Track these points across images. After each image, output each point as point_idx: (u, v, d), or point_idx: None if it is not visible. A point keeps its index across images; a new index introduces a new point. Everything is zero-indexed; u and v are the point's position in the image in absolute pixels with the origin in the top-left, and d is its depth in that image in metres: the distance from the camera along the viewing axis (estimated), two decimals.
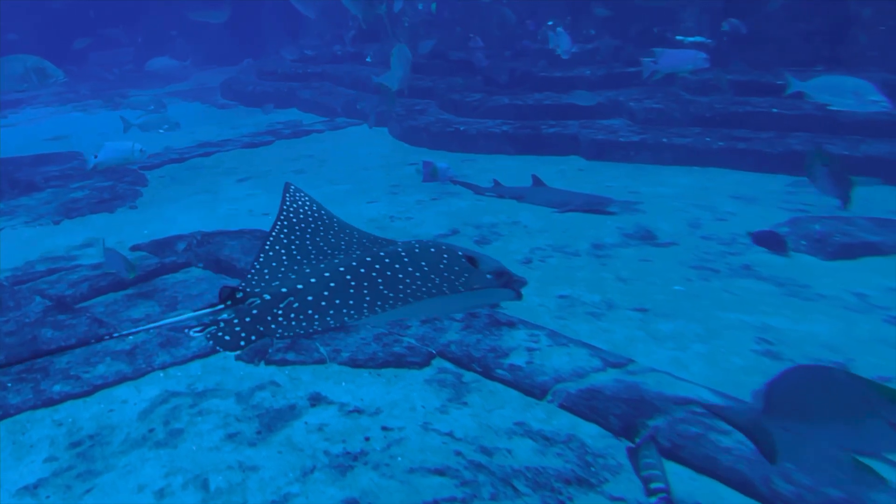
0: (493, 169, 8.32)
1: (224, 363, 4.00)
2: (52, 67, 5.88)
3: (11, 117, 13.91)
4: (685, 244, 5.57)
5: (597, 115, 9.36)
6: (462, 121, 9.76)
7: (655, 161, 8.17)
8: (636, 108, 9.00)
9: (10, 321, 4.48)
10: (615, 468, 2.99)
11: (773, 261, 5.21)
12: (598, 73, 10.09)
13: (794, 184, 6.93)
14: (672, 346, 3.99)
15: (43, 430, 3.42)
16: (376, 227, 6.46)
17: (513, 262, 5.37)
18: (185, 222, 6.68)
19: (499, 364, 3.79)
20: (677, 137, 8.23)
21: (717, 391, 3.46)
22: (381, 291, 2.52)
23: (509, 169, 8.30)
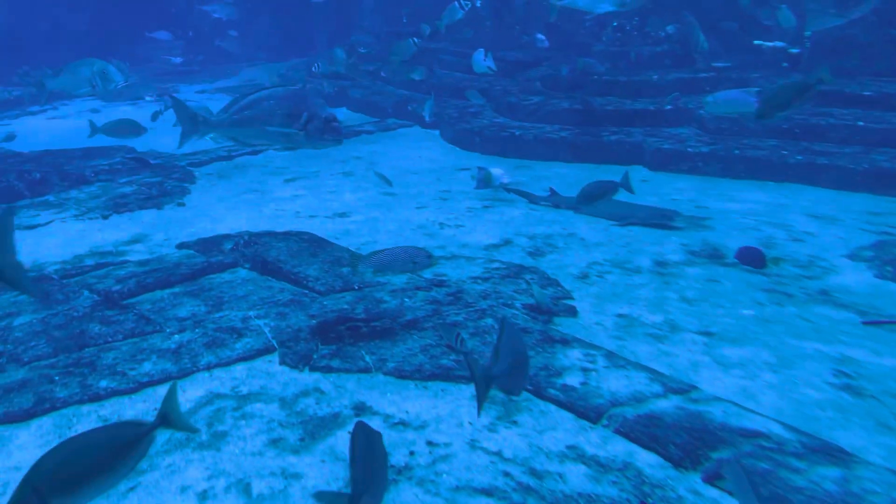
0: (549, 176, 8.34)
1: (268, 367, 4.14)
2: (115, 72, 6.42)
3: (62, 109, 14.64)
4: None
5: (663, 123, 9.28)
6: (518, 125, 9.81)
7: (726, 174, 8.04)
8: (707, 116, 8.87)
9: (58, 314, 4.73)
10: (675, 501, 2.97)
11: (854, 287, 5.07)
12: (668, 77, 9.98)
13: (881, 203, 6.72)
14: (740, 374, 3.93)
15: (89, 425, 3.60)
16: (424, 233, 6.56)
17: (567, 276, 5.39)
18: (232, 221, 6.92)
19: (551, 383, 3.81)
20: (751, 149, 8.08)
21: (789, 426, 3.40)
22: None
23: (566, 177, 8.30)
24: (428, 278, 5.32)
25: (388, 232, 6.62)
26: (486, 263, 5.62)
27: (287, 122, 4.13)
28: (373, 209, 7.38)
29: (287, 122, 4.12)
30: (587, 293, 5.08)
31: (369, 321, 4.60)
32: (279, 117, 4.18)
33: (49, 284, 5.28)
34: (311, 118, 4.09)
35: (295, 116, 4.11)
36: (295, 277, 5.29)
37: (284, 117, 4.17)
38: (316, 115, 4.11)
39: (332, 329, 4.50)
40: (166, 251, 6.08)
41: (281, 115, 4.18)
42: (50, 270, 5.65)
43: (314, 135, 4.16)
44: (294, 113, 4.12)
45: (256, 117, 4.25)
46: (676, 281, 5.25)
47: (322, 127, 4.10)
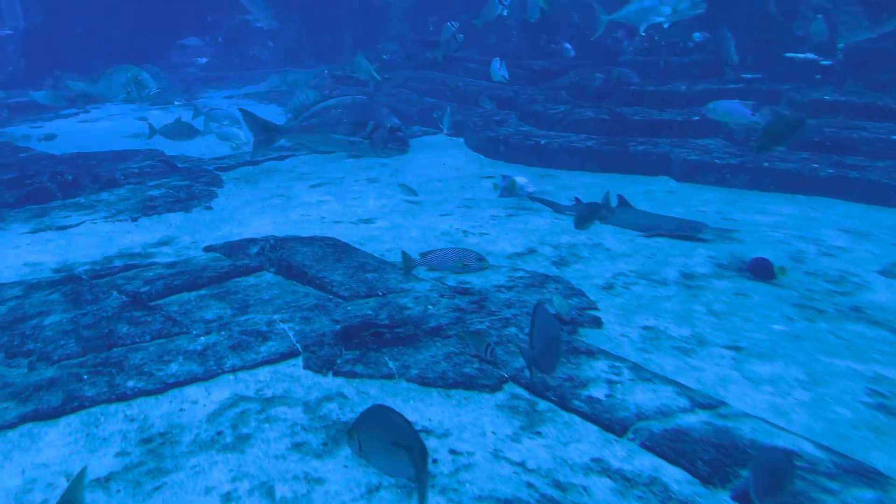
0: (574, 186, 8.30)
1: (292, 371, 4.15)
2: (148, 79, 6.72)
3: (94, 112, 14.92)
4: (786, 279, 5.38)
5: (690, 134, 9.20)
6: (543, 133, 9.79)
7: (754, 186, 7.94)
8: (736, 128, 8.77)
9: (88, 314, 4.80)
10: None
11: (887, 304, 4.96)
12: (696, 88, 9.90)
13: None
14: (770, 390, 3.86)
15: (116, 425, 3.65)
16: (449, 241, 6.56)
17: (592, 287, 5.34)
18: (258, 225, 6.98)
19: (576, 395, 3.77)
20: (780, 162, 7.97)
21: (821, 445, 3.33)
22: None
23: (592, 187, 8.26)
24: (451, 286, 5.31)
25: (412, 239, 6.63)
26: (511, 272, 5.60)
27: (353, 130, 4.27)
28: (397, 216, 7.40)
29: (353, 131, 4.27)
30: (612, 304, 5.04)
31: (393, 327, 4.60)
32: (346, 125, 4.34)
33: (79, 284, 5.36)
34: (377, 127, 4.23)
35: (361, 125, 4.23)
36: (320, 282, 5.31)
37: (351, 125, 4.32)
38: (381, 124, 4.25)
39: (355, 334, 4.51)
40: (193, 254, 6.14)
41: (347, 123, 4.33)
42: (80, 271, 5.74)
43: (378, 143, 4.26)
44: (360, 121, 4.24)
45: (324, 125, 4.40)
46: (704, 294, 5.18)
47: (386, 136, 4.23)
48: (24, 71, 19.04)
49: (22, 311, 4.94)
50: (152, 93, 7.12)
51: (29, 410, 3.73)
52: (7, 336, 4.56)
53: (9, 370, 4.20)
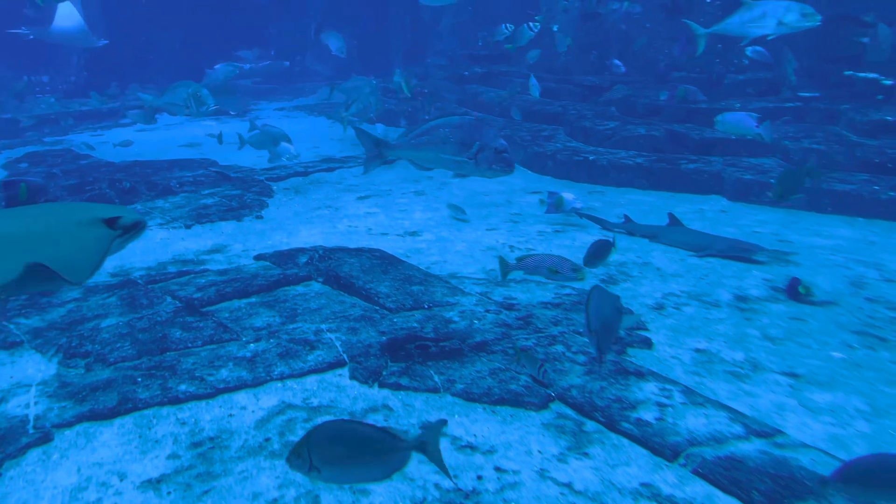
0: (622, 203, 8.21)
1: (339, 381, 4.19)
2: (207, 95, 7.15)
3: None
4: (846, 305, 5.20)
5: (744, 152, 9.01)
6: (592, 150, 9.72)
7: (811, 208, 7.72)
8: (792, 147, 8.57)
9: (143, 318, 4.94)
10: None
11: None
12: (750, 106, 9.70)
13: None
14: (829, 420, 3.72)
15: (167, 427, 3.73)
16: (494, 255, 6.52)
17: (642, 306, 5.26)
18: (306, 235, 7.10)
19: (625, 417, 3.70)
20: (839, 183, 7.74)
21: None
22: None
23: (641, 204, 8.15)
24: (498, 301, 5.29)
25: (458, 252, 6.64)
26: (558, 289, 5.55)
27: (459, 149, 4.35)
28: (443, 229, 7.43)
29: (459, 150, 4.35)
30: (663, 325, 4.94)
31: (438, 341, 4.61)
32: (452, 145, 4.39)
33: (135, 289, 5.53)
34: (483, 147, 4.26)
35: (467, 145, 4.31)
36: (366, 293, 5.36)
37: (457, 145, 4.36)
38: (487, 144, 4.27)
39: (401, 347, 4.53)
40: (244, 262, 6.27)
41: (454, 142, 4.37)
42: (136, 276, 5.92)
43: (483, 164, 4.33)
44: (466, 141, 4.32)
45: (431, 143, 4.53)
46: (758, 317, 5.04)
47: (492, 157, 4.27)
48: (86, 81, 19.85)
49: (80, 313, 5.12)
50: (210, 109, 7.48)
51: (86, 410, 3.84)
52: (66, 337, 4.72)
53: (67, 370, 4.34)
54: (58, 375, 4.27)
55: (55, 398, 3.98)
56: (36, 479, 3.36)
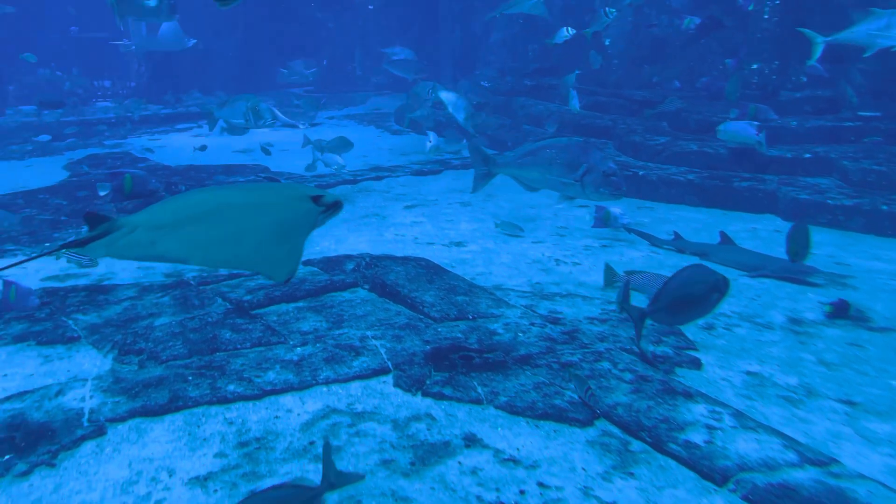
0: (672, 220, 8.07)
1: (382, 388, 4.21)
2: (265, 110, 7.53)
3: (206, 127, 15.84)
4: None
5: (800, 172, 8.77)
6: (641, 165, 9.60)
7: (870, 230, 7.45)
8: (851, 167, 8.30)
9: (195, 318, 5.06)
10: None
11: None
12: (807, 125, 9.45)
13: None
14: (888, 452, 3.57)
15: (216, 426, 3.81)
16: (540, 268, 6.51)
17: (691, 326, 5.14)
18: (354, 242, 7.18)
19: (672, 438, 3.63)
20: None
21: None
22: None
23: (691, 221, 8.00)
24: (543, 314, 5.25)
25: (503, 264, 6.63)
26: (604, 304, 5.48)
27: (566, 171, 4.37)
28: (488, 240, 7.42)
29: (566, 172, 4.37)
30: (713, 345, 4.83)
31: (482, 352, 4.60)
32: (559, 166, 4.41)
33: (187, 289, 5.67)
34: (590, 170, 4.26)
35: (574, 167, 4.32)
36: (412, 302, 5.38)
37: (564, 167, 4.38)
38: (595, 167, 4.27)
39: (445, 356, 4.53)
40: None
41: (561, 164, 4.39)
42: (189, 276, 6.08)
43: (590, 186, 4.32)
44: (574, 163, 4.32)
45: (537, 164, 4.54)
46: (813, 342, 4.88)
47: (599, 180, 4.27)
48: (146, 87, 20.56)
49: (135, 311, 5.27)
50: (267, 123, 7.92)
51: (138, 406, 3.95)
52: (121, 334, 4.87)
53: (121, 366, 4.47)
54: (112, 371, 4.41)
55: (109, 393, 4.10)
56: (89, 471, 3.46)
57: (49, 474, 3.43)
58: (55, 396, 4.09)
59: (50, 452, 3.56)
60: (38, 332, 4.97)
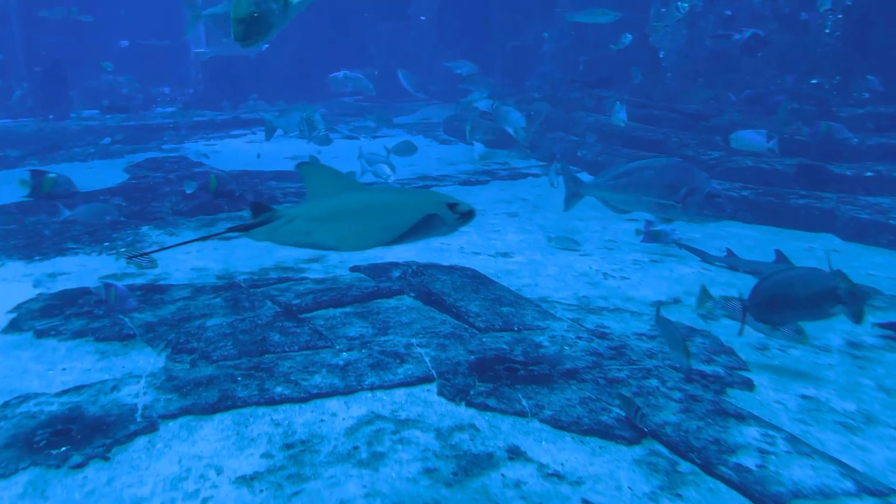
0: (724, 236, 7.88)
1: (426, 396, 4.21)
2: (319, 121, 7.84)
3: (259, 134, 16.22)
4: None
5: (861, 190, 8.47)
6: None
7: None
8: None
9: (245, 320, 5.16)
10: None
11: None
12: (869, 142, 9.13)
13: None
14: None
15: (263, 427, 3.86)
16: (587, 282, 6.43)
17: (744, 346, 5.00)
18: (400, 250, 7.21)
19: (723, 460, 3.52)
20: None
21: None
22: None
23: (745, 238, 7.80)
24: (590, 329, 5.18)
25: (550, 276, 6.57)
26: (653, 321, 5.37)
27: (665, 193, 4.14)
28: (535, 251, 7.37)
29: (665, 194, 4.14)
30: (766, 366, 4.68)
31: (527, 364, 4.56)
32: (658, 188, 4.19)
33: (238, 292, 5.79)
34: (692, 191, 4.05)
35: (674, 188, 4.11)
36: (457, 311, 5.38)
37: (663, 188, 4.16)
38: (697, 188, 4.06)
39: (489, 367, 4.51)
40: (340, 272, 6.45)
41: (660, 185, 4.17)
42: (240, 279, 6.21)
43: (692, 208, 4.06)
44: (673, 185, 4.11)
45: (633, 185, 4.33)
46: (873, 367, 4.69)
47: (703, 202, 4.05)
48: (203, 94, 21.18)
49: (188, 311, 5.41)
50: (321, 133, 8.28)
51: (189, 404, 4.04)
52: (174, 333, 5.00)
53: (174, 364, 4.59)
54: (165, 369, 4.52)
55: (162, 390, 4.21)
56: (141, 466, 3.55)
57: (103, 467, 3.53)
58: (110, 392, 4.21)
59: (104, 446, 3.66)
60: (96, 328, 5.13)
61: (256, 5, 3.36)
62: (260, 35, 3.44)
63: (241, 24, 3.37)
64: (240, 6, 3.38)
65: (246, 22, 3.36)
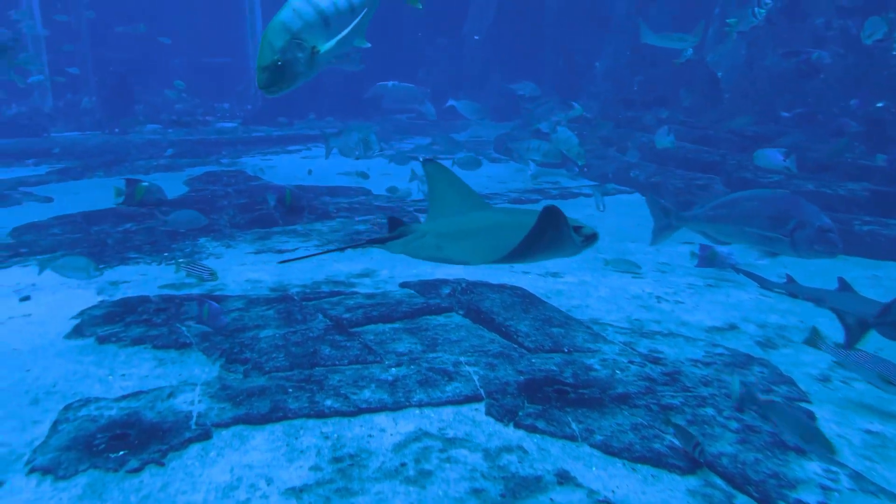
0: (785, 262, 7.62)
1: (474, 416, 4.19)
2: (374, 142, 8.28)
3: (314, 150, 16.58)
4: None
5: None
6: None
7: None
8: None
9: (297, 332, 5.24)
10: None
11: None
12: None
13: None
14: None
15: (312, 439, 3.90)
16: (640, 305, 6.31)
17: (804, 377, 4.83)
18: (449, 267, 7.23)
19: (783, 495, 3.39)
20: None
21: None
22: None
23: (806, 265, 7.54)
24: (642, 353, 5.08)
25: (601, 298, 6.48)
26: (709, 347, 5.24)
27: (771, 225, 3.98)
28: (585, 272, 7.29)
29: (771, 226, 3.98)
30: (828, 399, 4.50)
31: (577, 387, 4.49)
32: (763, 219, 4.02)
33: (291, 304, 5.89)
34: (801, 225, 3.89)
35: (781, 220, 3.94)
36: (506, 330, 5.35)
37: (769, 220, 3.99)
38: (807, 222, 3.89)
39: (539, 389, 4.46)
40: (390, 288, 6.50)
41: (765, 217, 4.00)
42: (293, 292, 6.32)
43: (802, 243, 3.88)
44: (781, 217, 3.94)
45: (735, 216, 4.17)
46: None
47: (814, 236, 3.89)
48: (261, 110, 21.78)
49: (243, 322, 5.52)
50: (375, 154, 8.68)
51: (241, 413, 4.12)
52: (229, 343, 5.11)
53: (227, 374, 4.69)
54: (219, 378, 4.62)
55: (216, 399, 4.30)
56: (194, 473, 3.62)
57: (158, 473, 3.62)
58: (167, 398, 4.33)
59: (160, 451, 3.76)
60: (154, 336, 5.29)
61: (281, 53, 3.35)
62: (284, 84, 3.42)
63: (264, 72, 3.36)
64: (264, 54, 3.37)
65: (270, 70, 3.34)
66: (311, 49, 3.40)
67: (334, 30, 3.61)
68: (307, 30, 3.45)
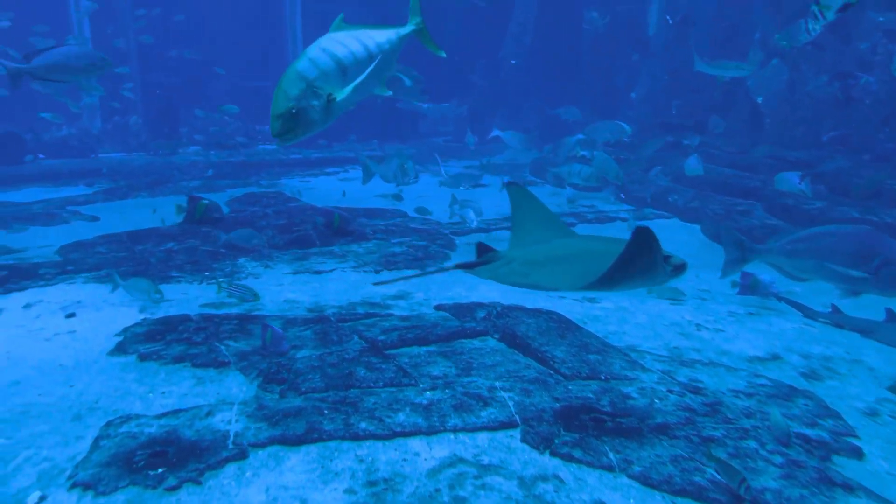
0: (828, 291, 7.40)
1: (509, 442, 4.15)
2: (411, 168, 8.73)
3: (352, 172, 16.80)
4: None
5: None
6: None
7: None
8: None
9: (332, 354, 5.27)
10: None
11: None
12: None
13: None
14: None
15: (346, 462, 3.90)
16: (679, 332, 6.20)
17: (851, 410, 4.67)
18: (485, 290, 7.22)
19: None
20: None
21: None
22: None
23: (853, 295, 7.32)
24: (682, 382, 4.98)
25: (639, 325, 6.39)
26: (750, 377, 5.11)
27: (852, 262, 3.89)
28: (623, 298, 7.20)
29: (852, 263, 3.89)
30: (877, 434, 4.34)
31: (615, 416, 4.41)
32: (843, 256, 3.93)
33: (327, 325, 5.94)
34: (888, 262, 3.79)
35: (864, 258, 3.84)
36: (541, 356, 5.30)
37: (850, 256, 3.91)
38: (893, 259, 3.79)
39: (575, 416, 4.40)
40: (425, 310, 6.51)
41: (846, 253, 3.91)
42: (329, 313, 6.37)
43: (888, 281, 3.79)
44: (864, 254, 3.85)
45: (814, 251, 4.08)
46: None
47: None
48: None
49: None
50: (412, 182, 9.31)
51: (277, 434, 4.14)
52: (266, 363, 5.17)
53: (264, 394, 4.73)
54: (256, 397, 4.67)
55: (253, 419, 4.34)
56: (230, 492, 3.65)
57: (195, 491, 3.66)
58: (205, 417, 4.38)
59: (197, 470, 3.80)
60: (193, 354, 5.38)
61: (296, 101, 3.36)
62: (300, 131, 3.42)
63: (278, 119, 3.36)
64: (278, 102, 3.38)
65: (284, 118, 3.35)
66: (326, 97, 3.44)
67: (351, 78, 3.65)
68: (323, 78, 3.48)
